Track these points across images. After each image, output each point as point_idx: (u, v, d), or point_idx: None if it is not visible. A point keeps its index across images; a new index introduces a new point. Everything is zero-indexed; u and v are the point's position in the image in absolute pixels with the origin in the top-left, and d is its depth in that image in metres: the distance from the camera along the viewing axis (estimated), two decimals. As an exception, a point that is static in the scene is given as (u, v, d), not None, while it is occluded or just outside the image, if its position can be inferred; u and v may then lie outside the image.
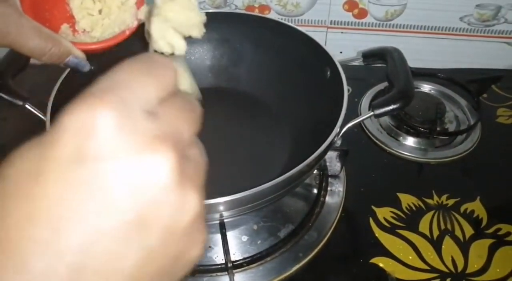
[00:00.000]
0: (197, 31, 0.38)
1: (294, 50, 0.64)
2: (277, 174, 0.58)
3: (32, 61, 0.56)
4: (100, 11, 0.45)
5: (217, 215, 0.46)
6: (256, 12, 0.83)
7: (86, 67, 0.43)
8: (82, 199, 0.16)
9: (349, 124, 0.51)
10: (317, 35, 0.85)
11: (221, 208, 0.44)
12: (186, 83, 0.35)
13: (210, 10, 0.70)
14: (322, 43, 0.60)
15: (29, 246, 0.15)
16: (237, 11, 0.82)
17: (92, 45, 0.43)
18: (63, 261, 0.15)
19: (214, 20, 0.67)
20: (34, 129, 0.75)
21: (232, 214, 0.47)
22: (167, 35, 0.36)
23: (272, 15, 0.83)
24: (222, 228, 0.52)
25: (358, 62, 0.63)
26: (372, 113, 0.51)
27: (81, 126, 0.16)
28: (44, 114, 0.50)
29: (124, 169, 0.16)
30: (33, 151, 0.17)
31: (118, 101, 0.17)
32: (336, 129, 0.48)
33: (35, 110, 0.51)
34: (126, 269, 0.16)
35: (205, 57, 0.70)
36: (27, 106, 0.51)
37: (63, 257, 0.15)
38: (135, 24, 0.44)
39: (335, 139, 0.49)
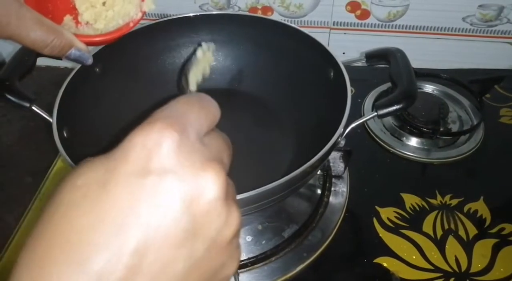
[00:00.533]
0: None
1: (297, 51, 0.65)
2: (281, 175, 0.59)
3: (38, 63, 0.57)
4: (103, 3, 0.44)
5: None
6: (259, 14, 0.83)
7: (89, 60, 0.42)
8: (143, 207, 0.17)
9: (353, 125, 0.51)
10: (320, 36, 0.85)
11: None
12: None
13: (214, 12, 0.70)
14: (325, 44, 0.61)
15: (89, 248, 0.17)
16: (240, 12, 0.83)
17: (96, 38, 0.42)
18: (122, 262, 0.17)
19: (217, 22, 0.68)
20: (40, 130, 0.76)
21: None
22: (198, 80, 0.46)
23: (275, 17, 0.84)
24: (227, 229, 0.52)
25: (361, 63, 0.64)
26: (375, 113, 0.51)
27: (149, 144, 0.18)
28: (50, 115, 0.51)
29: (182, 183, 0.18)
30: (102, 164, 0.18)
31: (180, 126, 0.19)
32: (340, 129, 0.49)
33: (42, 112, 0.52)
34: (174, 274, 0.18)
35: (208, 58, 0.71)
36: (33, 107, 0.52)
37: (122, 258, 0.17)
38: (139, 15, 0.42)
39: (339, 139, 0.50)
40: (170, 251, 0.18)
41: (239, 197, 0.41)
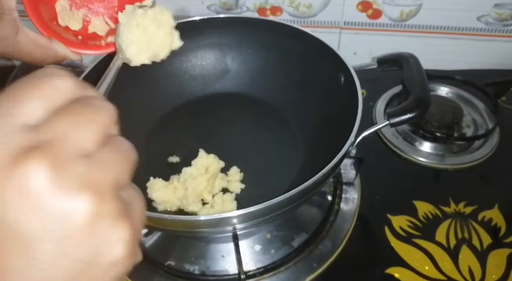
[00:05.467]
0: None
1: (306, 55, 0.63)
2: (291, 182, 0.58)
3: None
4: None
5: (230, 228, 0.45)
6: (268, 14, 0.82)
7: (80, 62, 0.49)
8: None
9: (364, 134, 0.50)
10: (331, 37, 0.84)
11: (235, 221, 0.43)
12: None
13: (221, 16, 0.68)
14: (335, 44, 0.59)
15: None
16: (248, 15, 0.81)
17: (88, 50, 0.47)
18: None
19: (224, 25, 0.67)
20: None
21: (245, 226, 0.46)
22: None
23: (284, 17, 0.82)
24: (235, 238, 0.52)
25: (373, 67, 0.62)
26: (387, 122, 0.50)
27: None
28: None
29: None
30: None
31: (51, 154, 0.18)
32: (351, 138, 0.47)
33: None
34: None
35: (216, 62, 0.70)
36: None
37: None
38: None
39: (350, 149, 0.48)
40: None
41: (248, 210, 0.40)
